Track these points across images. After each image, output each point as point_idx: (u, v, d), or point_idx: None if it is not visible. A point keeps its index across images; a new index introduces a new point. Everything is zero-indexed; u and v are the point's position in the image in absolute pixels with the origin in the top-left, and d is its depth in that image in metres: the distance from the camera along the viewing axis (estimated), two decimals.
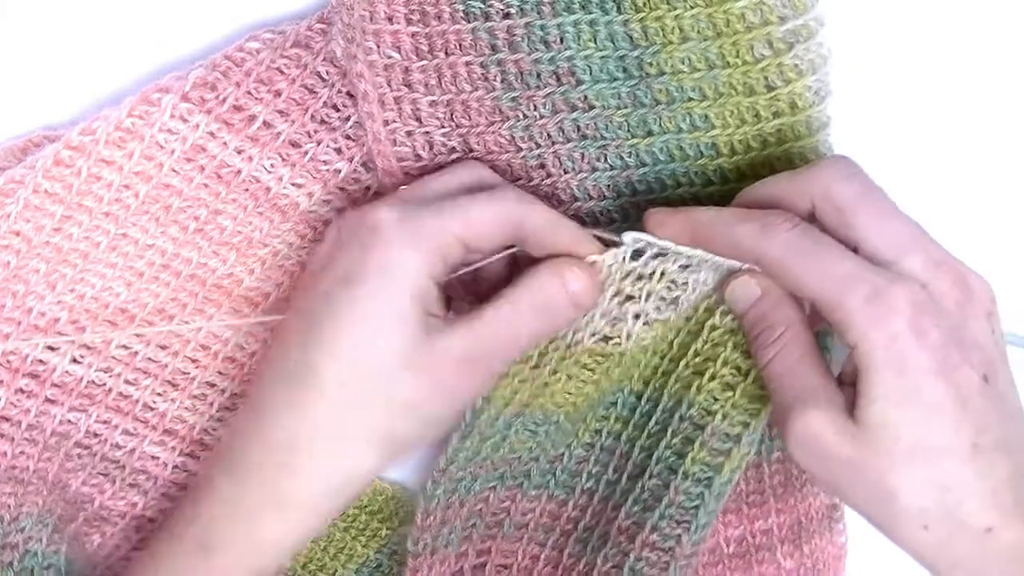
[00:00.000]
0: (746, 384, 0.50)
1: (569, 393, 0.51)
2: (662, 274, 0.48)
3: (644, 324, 0.49)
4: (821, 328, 0.51)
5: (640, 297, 0.49)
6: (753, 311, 0.48)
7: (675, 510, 0.51)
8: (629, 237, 0.47)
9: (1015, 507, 0.43)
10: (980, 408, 0.43)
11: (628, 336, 0.49)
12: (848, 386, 0.45)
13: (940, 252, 0.45)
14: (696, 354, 0.51)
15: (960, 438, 0.43)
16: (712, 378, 0.51)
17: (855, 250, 0.45)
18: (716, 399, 0.51)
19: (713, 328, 0.50)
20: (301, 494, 0.45)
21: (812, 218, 0.46)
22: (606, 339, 0.50)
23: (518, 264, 0.49)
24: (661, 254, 0.48)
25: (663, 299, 0.49)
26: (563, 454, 0.54)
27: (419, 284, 0.45)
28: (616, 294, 0.49)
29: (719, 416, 0.51)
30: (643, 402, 0.53)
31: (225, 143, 0.51)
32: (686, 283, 0.49)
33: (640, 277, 0.48)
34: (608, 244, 0.48)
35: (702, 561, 0.56)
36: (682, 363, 0.52)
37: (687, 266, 0.48)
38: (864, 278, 0.43)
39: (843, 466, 0.44)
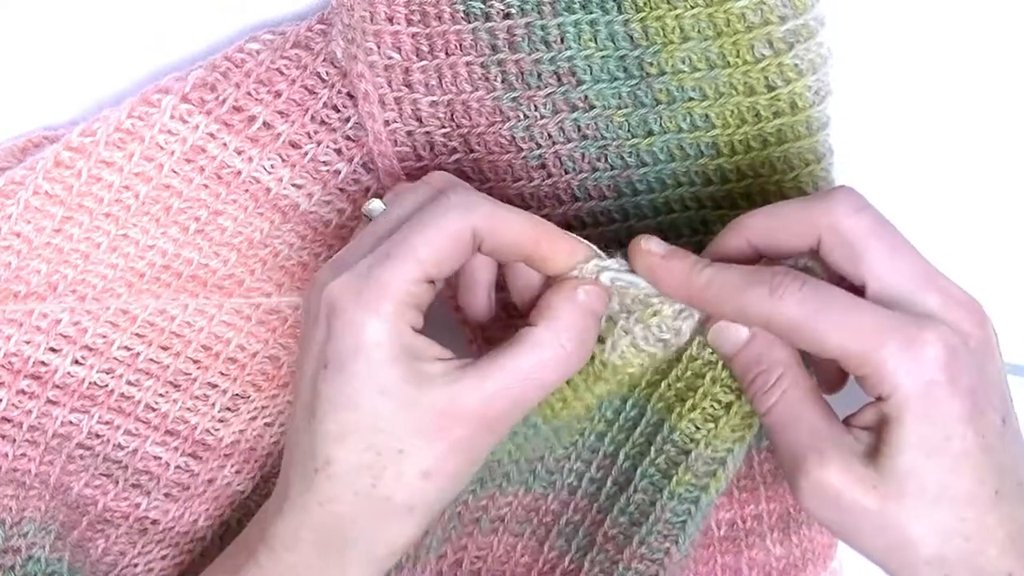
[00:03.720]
0: (728, 417, 0.49)
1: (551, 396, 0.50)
2: (655, 313, 0.46)
3: (631, 345, 0.47)
4: None
5: (632, 317, 0.47)
6: (743, 354, 0.46)
7: (663, 526, 0.51)
8: (606, 276, 0.46)
9: None
10: (1001, 453, 0.42)
11: (613, 348, 0.47)
12: (859, 429, 0.43)
13: (957, 290, 0.43)
14: (677, 379, 0.50)
15: (984, 486, 0.41)
16: (693, 408, 0.50)
17: (862, 288, 0.43)
18: (698, 428, 0.50)
19: (692, 359, 0.49)
20: (342, 572, 0.44)
21: (815, 252, 0.44)
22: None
23: None
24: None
25: (654, 335, 0.47)
26: (543, 456, 0.53)
27: (397, 346, 0.42)
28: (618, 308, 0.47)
29: (702, 444, 0.50)
30: (628, 407, 0.52)
31: (225, 144, 0.51)
32: (679, 331, 0.47)
33: (638, 300, 0.47)
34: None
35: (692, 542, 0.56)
36: (664, 383, 0.50)
37: (682, 311, 0.47)
38: (894, 327, 0.41)
39: (862, 516, 0.43)
